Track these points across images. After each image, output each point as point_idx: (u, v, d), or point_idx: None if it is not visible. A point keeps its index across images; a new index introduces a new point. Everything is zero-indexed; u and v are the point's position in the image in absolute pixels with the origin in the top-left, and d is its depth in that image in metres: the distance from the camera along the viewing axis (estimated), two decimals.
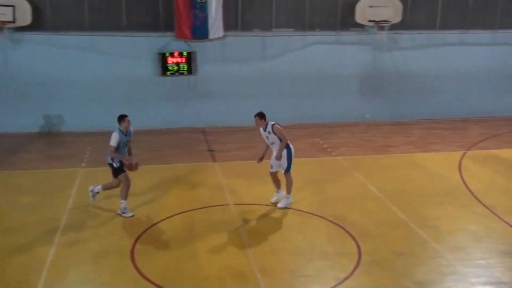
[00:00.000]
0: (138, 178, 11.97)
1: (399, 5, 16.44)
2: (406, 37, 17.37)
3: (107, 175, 10.05)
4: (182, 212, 10.05)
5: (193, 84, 16.60)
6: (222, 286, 7.56)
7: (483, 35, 17.78)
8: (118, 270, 7.99)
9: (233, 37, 16.46)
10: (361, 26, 16.92)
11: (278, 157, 9.94)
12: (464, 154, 14.02)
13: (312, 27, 17.02)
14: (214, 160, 13.51)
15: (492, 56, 17.77)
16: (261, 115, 10.00)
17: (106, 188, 10.16)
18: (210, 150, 14.37)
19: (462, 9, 17.59)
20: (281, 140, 9.88)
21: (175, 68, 16.28)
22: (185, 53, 16.23)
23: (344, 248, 8.72)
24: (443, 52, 17.59)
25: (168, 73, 16.30)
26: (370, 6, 16.17)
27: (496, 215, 10.09)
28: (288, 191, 10.22)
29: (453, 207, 10.49)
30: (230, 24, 16.44)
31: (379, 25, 16.36)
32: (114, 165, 9.75)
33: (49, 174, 12.43)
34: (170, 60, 16.20)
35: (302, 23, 16.95)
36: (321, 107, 17.20)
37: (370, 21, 16.28)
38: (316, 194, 11.14)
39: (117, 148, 9.58)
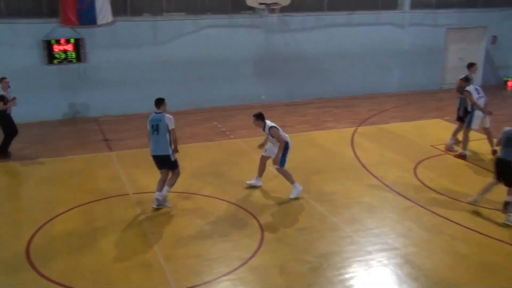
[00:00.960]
0: (30, 173, 11.40)
1: None
2: (296, 19, 17.77)
3: None
4: (80, 205, 9.68)
5: (83, 72, 15.94)
6: (127, 277, 7.40)
7: (368, 15, 18.63)
8: (14, 271, 7.56)
9: (123, 22, 15.97)
10: (252, 9, 17.06)
11: (276, 161, 9.89)
12: (355, 130, 14.69)
13: (203, 10, 16.91)
14: (110, 150, 13.12)
15: (376, 35, 18.67)
16: (258, 116, 9.90)
17: (172, 185, 9.51)
18: (106, 140, 13.93)
19: None
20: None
21: (63, 56, 15.52)
22: (72, 40, 15.50)
23: (247, 229, 8.86)
24: (331, 33, 18.21)
25: (55, 61, 15.49)
26: None
27: (387, 185, 10.71)
28: (292, 182, 10.10)
29: (348, 181, 10.99)
30: (119, 8, 15.92)
31: (269, 7, 16.54)
32: (172, 158, 9.30)
33: None
34: (57, 48, 15.40)
35: (194, 6, 16.79)
36: (217, 91, 17.24)
37: (260, 3, 16.41)
38: (217, 178, 11.18)
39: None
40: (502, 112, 15.34)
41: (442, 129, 14.57)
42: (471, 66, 12.94)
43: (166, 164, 9.35)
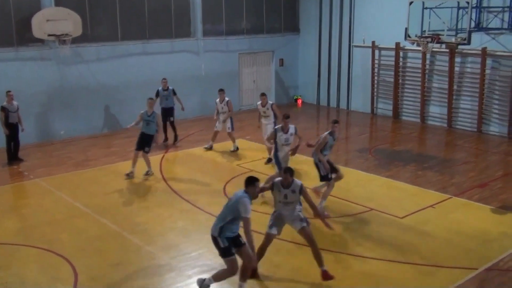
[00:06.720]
0: None
1: (78, 18, 16.15)
2: (90, 49, 17.26)
3: None
4: None
5: None
6: None
7: (163, 44, 18.87)
8: None
9: None
10: (41, 41, 16.13)
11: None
12: (163, 156, 14.68)
13: None
14: None
15: (173, 63, 18.97)
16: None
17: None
18: None
19: (141, 21, 18.30)
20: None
21: None
22: None
23: (59, 273, 8.25)
24: (128, 63, 18.02)
25: None
26: (48, 20, 15.51)
27: (199, 208, 10.85)
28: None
29: (160, 208, 10.89)
30: None
31: (60, 39, 15.81)
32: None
33: None
34: None
35: None
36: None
37: (50, 35, 15.61)
38: (18, 223, 10.27)
39: None
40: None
41: (245, 147, 15.27)
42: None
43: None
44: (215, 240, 7.32)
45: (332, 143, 10.69)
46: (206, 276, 7.59)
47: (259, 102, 14.14)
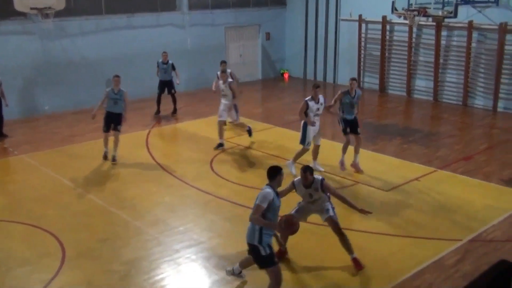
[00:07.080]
0: None
1: None
2: (74, 23, 16.98)
3: None
4: None
5: None
6: None
7: (148, 17, 18.62)
8: None
9: None
10: (23, 15, 15.83)
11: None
12: (149, 132, 14.60)
13: None
14: None
15: (159, 37, 18.72)
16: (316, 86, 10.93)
17: None
18: None
19: None
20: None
21: None
22: None
23: (46, 248, 8.25)
24: (112, 37, 17.79)
25: None
26: None
27: (186, 183, 10.86)
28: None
29: (147, 184, 10.88)
30: None
31: (42, 12, 15.51)
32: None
33: None
34: None
35: None
36: None
37: (32, 8, 15.31)
38: (4, 199, 10.22)
39: None
40: (283, 102, 16.59)
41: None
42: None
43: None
44: (254, 249, 6.43)
45: (351, 101, 11.19)
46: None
47: (218, 72, 14.25)
